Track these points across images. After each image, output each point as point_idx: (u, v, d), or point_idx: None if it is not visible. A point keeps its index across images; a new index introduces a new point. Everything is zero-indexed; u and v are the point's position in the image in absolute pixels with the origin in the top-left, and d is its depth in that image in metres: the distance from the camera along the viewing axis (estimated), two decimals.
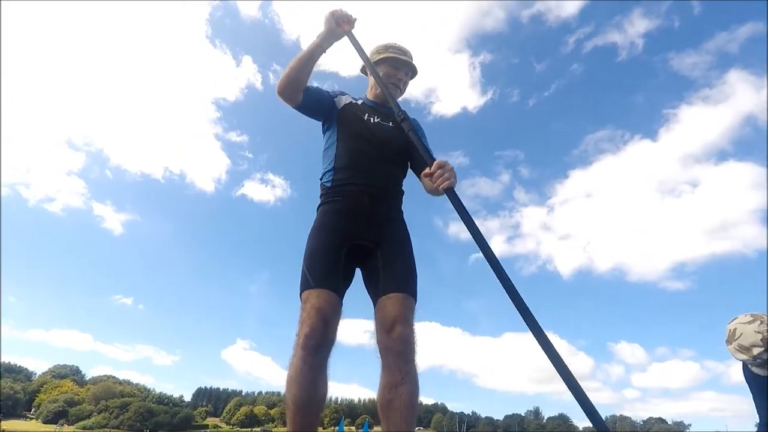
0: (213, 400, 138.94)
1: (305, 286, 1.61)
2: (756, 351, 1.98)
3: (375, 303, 1.67)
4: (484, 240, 1.46)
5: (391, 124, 1.91)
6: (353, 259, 1.74)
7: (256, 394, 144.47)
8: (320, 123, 1.99)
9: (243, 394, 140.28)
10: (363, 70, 2.07)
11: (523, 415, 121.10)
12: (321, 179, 1.89)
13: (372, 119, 1.90)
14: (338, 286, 1.63)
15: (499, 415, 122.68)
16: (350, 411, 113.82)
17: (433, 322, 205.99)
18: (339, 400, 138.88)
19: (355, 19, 1.90)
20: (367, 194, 1.75)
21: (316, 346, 1.49)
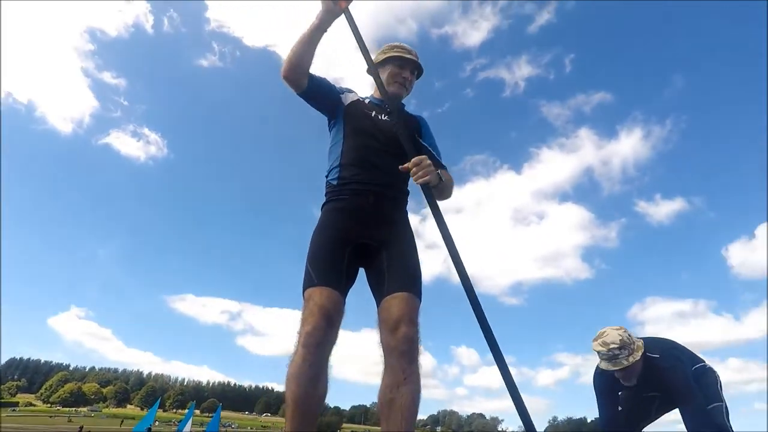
0: (29, 373, 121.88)
1: (308, 283, 1.60)
2: (612, 346, 2.53)
3: (379, 303, 1.65)
4: (453, 241, 1.57)
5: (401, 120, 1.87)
6: (358, 259, 1.72)
7: (87, 370, 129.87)
8: (326, 120, 1.98)
9: (71, 368, 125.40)
10: (369, 71, 1.96)
11: (368, 406, 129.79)
12: (327, 176, 1.88)
13: (379, 116, 1.89)
14: (341, 284, 1.61)
15: (346, 405, 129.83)
16: (197, 393, 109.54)
17: (296, 311, 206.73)
18: (186, 381, 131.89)
19: None
20: (373, 193, 1.75)
21: (318, 344, 1.48)
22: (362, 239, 1.71)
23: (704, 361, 2.77)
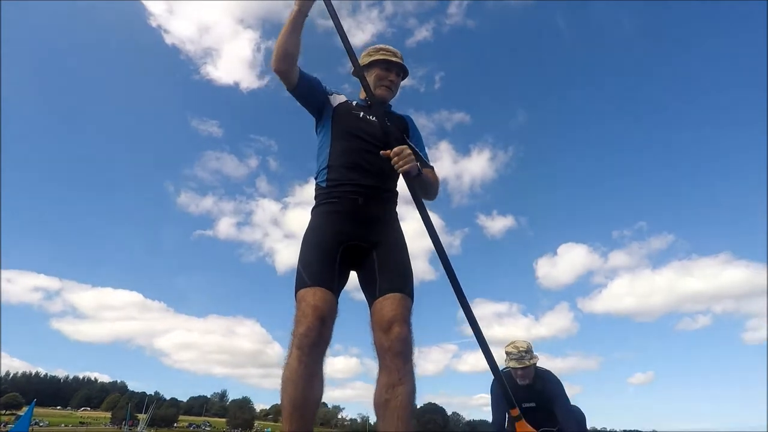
0: None
1: (301, 284, 1.58)
2: (521, 348, 3.19)
3: (371, 304, 1.64)
4: (434, 229, 1.68)
5: (387, 122, 1.87)
6: (349, 261, 1.72)
7: None
8: (314, 121, 1.97)
9: None
10: (354, 73, 1.96)
11: (209, 396, 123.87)
12: (315, 178, 1.88)
13: (367, 117, 1.89)
14: (334, 285, 1.60)
15: (184, 397, 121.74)
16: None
17: (134, 292, 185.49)
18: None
19: None
20: (362, 194, 1.74)
21: (312, 345, 1.46)
22: (353, 240, 1.71)
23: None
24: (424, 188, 1.89)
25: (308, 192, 1.90)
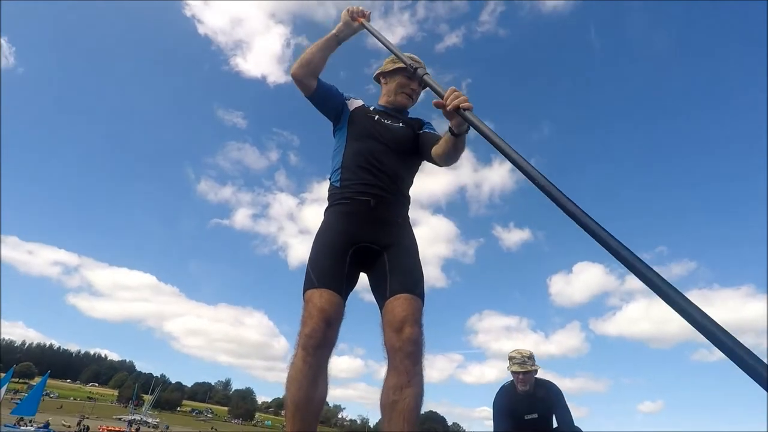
0: None
1: (308, 285, 1.60)
2: (524, 354, 3.30)
3: (381, 306, 1.64)
4: (510, 147, 1.19)
5: (401, 124, 1.92)
6: (359, 263, 1.73)
7: None
8: (331, 125, 2.01)
9: None
10: (376, 78, 2.09)
11: (213, 384, 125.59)
12: (329, 179, 1.91)
13: (383, 120, 1.92)
14: (342, 287, 1.61)
15: (189, 382, 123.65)
16: (6, 353, 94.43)
17: (148, 274, 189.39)
18: None
19: (369, 13, 1.98)
20: (373, 196, 1.76)
21: (317, 346, 1.48)
22: (364, 242, 1.72)
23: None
24: (456, 149, 1.73)
25: (326, 189, 1.92)
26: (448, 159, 1.78)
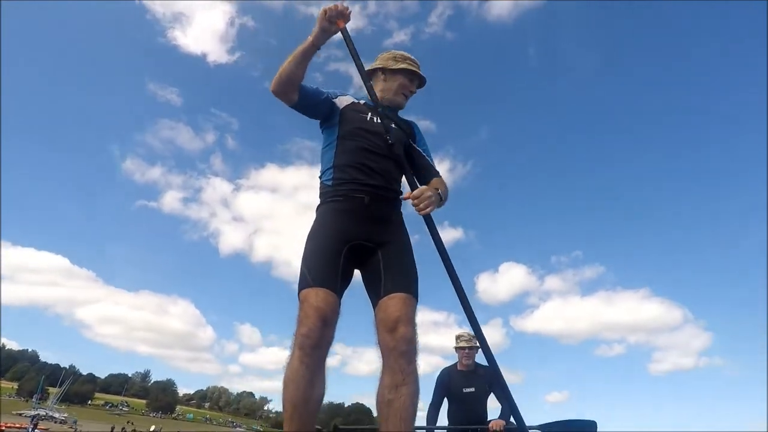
0: None
1: (304, 284, 1.60)
2: (471, 334, 3.74)
3: (375, 304, 1.66)
4: (448, 257, 1.79)
5: (393, 125, 1.91)
6: (353, 261, 1.73)
7: None
8: (317, 122, 1.98)
9: None
10: (373, 70, 2.06)
11: (130, 375, 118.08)
12: (321, 177, 1.90)
13: (374, 119, 1.90)
14: (337, 285, 1.61)
15: (102, 373, 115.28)
16: None
17: (59, 256, 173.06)
18: None
19: (350, 12, 1.85)
20: (367, 193, 1.75)
21: (314, 346, 1.48)
22: (358, 240, 1.72)
23: None
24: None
25: (263, 177, 2.12)
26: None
